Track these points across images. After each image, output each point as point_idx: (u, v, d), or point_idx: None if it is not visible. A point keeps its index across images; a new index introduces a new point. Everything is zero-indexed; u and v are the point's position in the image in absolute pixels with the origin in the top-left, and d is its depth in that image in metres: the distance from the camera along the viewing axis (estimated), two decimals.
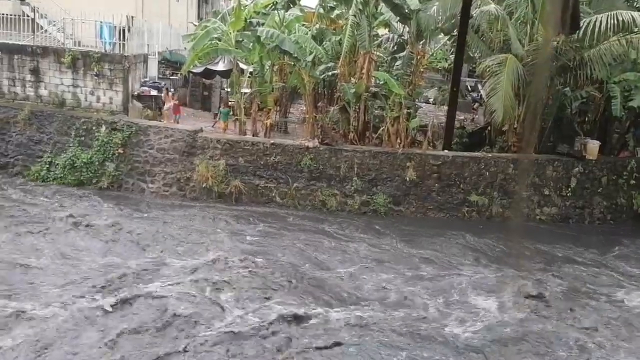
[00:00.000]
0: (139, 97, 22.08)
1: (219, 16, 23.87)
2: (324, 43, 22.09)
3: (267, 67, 22.16)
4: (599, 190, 20.18)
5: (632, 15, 17.45)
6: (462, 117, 26.20)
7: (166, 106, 21.31)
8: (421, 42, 21.74)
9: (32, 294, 12.25)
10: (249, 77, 22.21)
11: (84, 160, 20.03)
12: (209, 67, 23.47)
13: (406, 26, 22.32)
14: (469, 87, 31.42)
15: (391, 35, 24.15)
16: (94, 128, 20.36)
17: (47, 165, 20.35)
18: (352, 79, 20.80)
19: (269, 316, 11.90)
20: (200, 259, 14.64)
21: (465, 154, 20.07)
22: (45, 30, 23.19)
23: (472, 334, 11.87)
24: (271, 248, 15.84)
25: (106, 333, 10.93)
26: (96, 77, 21.08)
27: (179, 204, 19.16)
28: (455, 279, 14.58)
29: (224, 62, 23.10)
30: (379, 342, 11.32)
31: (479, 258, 16.24)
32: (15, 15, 22.81)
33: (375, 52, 21.75)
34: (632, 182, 20.37)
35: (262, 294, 12.94)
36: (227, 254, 14.87)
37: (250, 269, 14.09)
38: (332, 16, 23.63)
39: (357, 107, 20.70)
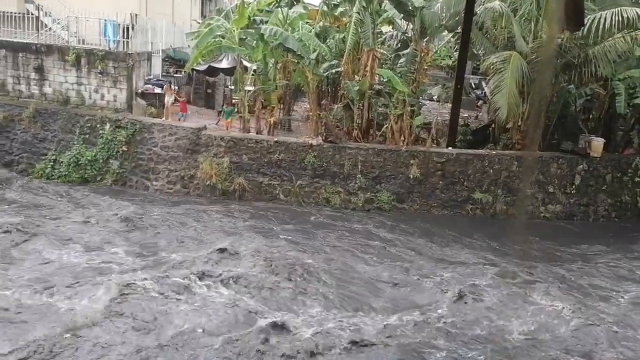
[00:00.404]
0: (143, 95, 22.13)
1: (223, 14, 23.89)
2: (327, 41, 22.10)
3: (271, 65, 22.14)
4: (603, 188, 20.13)
5: (636, 12, 17.38)
6: (466, 115, 26.17)
7: (166, 99, 21.21)
8: (425, 40, 21.69)
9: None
10: (252, 74, 22.22)
11: (88, 157, 20.09)
12: (213, 64, 23.50)
13: (410, 23, 22.30)
14: (472, 85, 31.32)
15: (395, 33, 24.15)
16: (98, 126, 20.42)
17: (52, 163, 20.42)
18: (355, 76, 20.80)
19: (363, 331, 11.42)
20: (250, 263, 14.05)
21: (469, 151, 20.05)
22: (50, 29, 23.25)
23: (524, 334, 11.78)
24: (315, 249, 15.51)
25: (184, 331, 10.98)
26: (100, 75, 21.15)
27: (187, 201, 19.16)
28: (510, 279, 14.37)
29: (227, 59, 23.14)
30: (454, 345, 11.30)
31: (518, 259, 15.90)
32: (19, 14, 22.87)
33: (378, 50, 21.74)
34: (637, 179, 20.30)
35: (346, 304, 12.53)
36: (273, 257, 14.43)
37: (313, 274, 13.70)
38: (336, 14, 23.62)
39: (360, 104, 20.68)
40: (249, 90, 21.27)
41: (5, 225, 15.22)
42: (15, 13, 22.74)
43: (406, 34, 23.27)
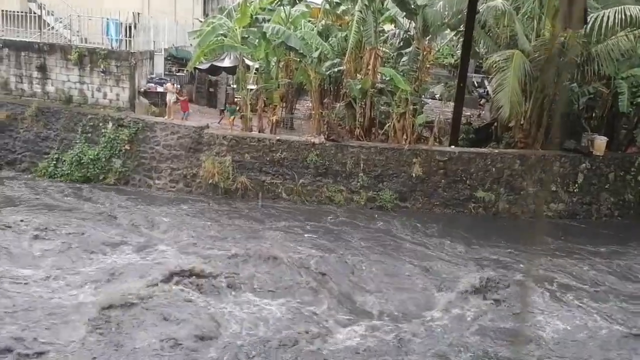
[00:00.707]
0: (146, 94, 22.13)
1: (225, 12, 23.84)
2: (329, 39, 22.05)
3: (273, 64, 22.14)
4: (606, 187, 20.09)
5: None
6: (468, 113, 26.08)
7: (168, 97, 21.18)
8: (427, 38, 21.63)
9: None
10: (254, 73, 22.22)
11: (90, 156, 20.11)
12: (215, 63, 23.49)
13: (412, 22, 22.23)
14: (475, 83, 31.27)
15: (397, 31, 24.07)
16: (100, 124, 20.45)
17: (54, 162, 20.46)
18: (358, 75, 20.76)
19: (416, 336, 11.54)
20: (293, 266, 13.93)
21: (472, 150, 20.02)
22: (52, 27, 23.26)
23: (561, 334, 11.89)
24: (352, 251, 15.56)
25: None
26: (103, 74, 21.17)
27: (193, 200, 19.19)
28: (552, 281, 14.49)
29: (229, 58, 23.11)
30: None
31: (556, 260, 16.00)
32: (22, 13, 22.88)
33: (381, 48, 21.70)
34: None
35: (405, 311, 12.58)
36: (313, 260, 14.37)
37: (364, 279, 13.78)
38: (338, 12, 23.57)
39: (363, 103, 20.67)
40: (251, 89, 21.26)
41: (39, 228, 15.20)
42: (17, 12, 22.74)
43: (408, 33, 23.21)
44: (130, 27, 21.78)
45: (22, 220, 15.48)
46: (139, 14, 22.91)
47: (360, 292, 13.29)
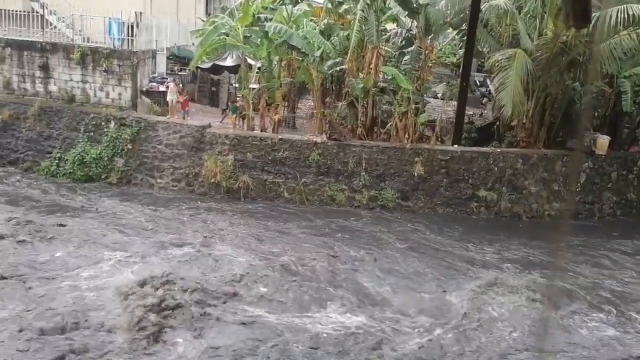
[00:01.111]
0: (148, 93, 22.17)
1: (227, 12, 23.86)
2: (332, 38, 22.04)
3: (275, 63, 22.15)
4: (608, 186, 20.07)
5: None
6: (470, 112, 26.04)
7: (169, 97, 21.21)
8: (429, 37, 21.62)
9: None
10: (257, 72, 22.23)
11: (93, 155, 20.14)
12: (217, 62, 23.53)
13: (414, 21, 22.22)
14: (477, 82, 31.24)
15: (399, 30, 24.05)
16: (103, 124, 20.48)
17: (57, 161, 20.50)
18: (360, 74, 20.75)
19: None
20: (364, 273, 13.98)
21: (474, 149, 19.99)
22: (55, 27, 23.31)
23: (610, 340, 11.90)
24: (404, 254, 15.51)
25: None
26: (105, 73, 21.20)
27: (198, 199, 19.22)
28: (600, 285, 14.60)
29: (232, 57, 23.15)
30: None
31: (589, 259, 16.03)
32: (24, 12, 22.93)
33: (383, 47, 21.68)
34: None
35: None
36: (379, 264, 14.43)
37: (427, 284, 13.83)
38: (340, 11, 23.57)
39: (365, 102, 20.66)
40: (253, 88, 21.27)
41: (89, 234, 15.05)
42: (20, 11, 22.79)
43: (410, 32, 23.18)
44: (132, 27, 21.81)
45: (61, 225, 15.33)
46: (141, 13, 22.93)
47: (426, 293, 13.33)
